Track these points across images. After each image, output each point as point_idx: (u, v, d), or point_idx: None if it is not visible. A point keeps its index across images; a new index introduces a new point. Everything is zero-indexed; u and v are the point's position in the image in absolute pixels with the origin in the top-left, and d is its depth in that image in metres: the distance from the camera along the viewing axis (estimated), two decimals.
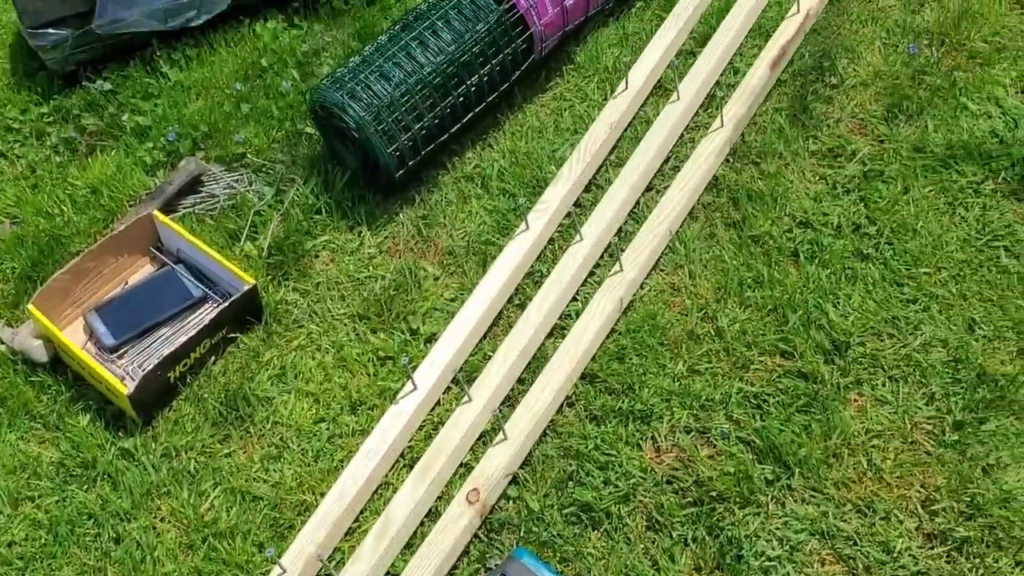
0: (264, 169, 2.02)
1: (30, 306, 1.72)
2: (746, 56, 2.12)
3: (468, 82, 1.94)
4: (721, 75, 2.09)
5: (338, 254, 1.92)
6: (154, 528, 1.60)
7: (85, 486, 1.64)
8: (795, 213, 1.87)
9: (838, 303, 1.74)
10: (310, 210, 1.96)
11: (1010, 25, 2.08)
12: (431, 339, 1.77)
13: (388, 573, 1.53)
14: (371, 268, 1.90)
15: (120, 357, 1.77)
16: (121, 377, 1.73)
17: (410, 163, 1.90)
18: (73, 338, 1.78)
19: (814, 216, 1.86)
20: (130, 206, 1.98)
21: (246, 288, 1.75)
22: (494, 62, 1.96)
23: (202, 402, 1.72)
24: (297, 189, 1.97)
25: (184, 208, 1.97)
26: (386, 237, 1.94)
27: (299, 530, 1.54)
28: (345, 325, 1.82)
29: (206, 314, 1.80)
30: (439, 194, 1.98)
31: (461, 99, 1.95)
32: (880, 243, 1.81)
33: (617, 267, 1.78)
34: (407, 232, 1.94)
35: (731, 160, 1.96)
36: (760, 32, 2.15)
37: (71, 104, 2.17)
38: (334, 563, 1.54)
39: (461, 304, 1.80)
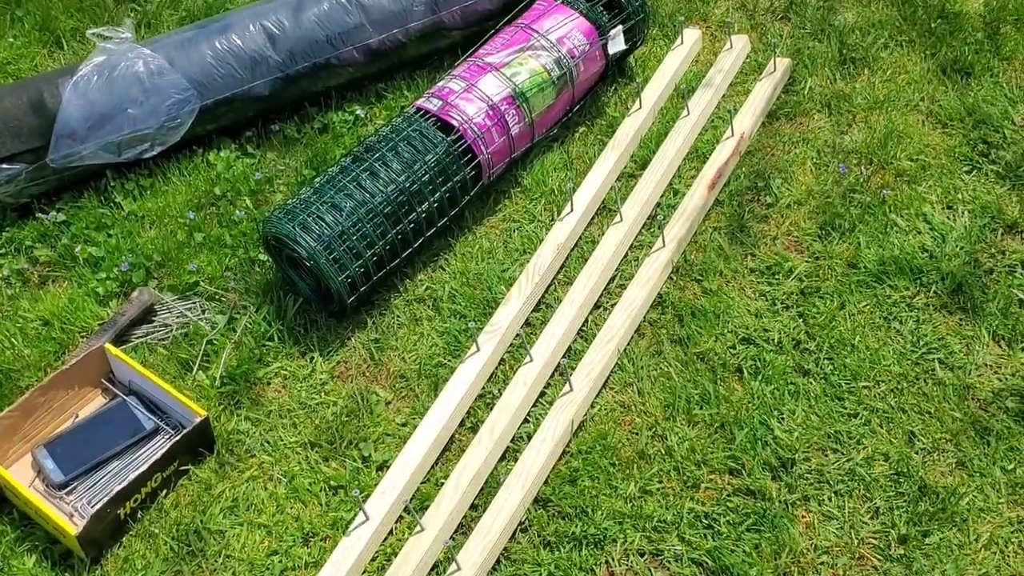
0: (217, 297, 2.04)
1: None
2: (684, 178, 2.21)
3: (418, 209, 1.99)
4: (661, 196, 2.17)
5: (290, 381, 1.93)
6: None
7: None
8: (737, 330, 1.92)
9: (782, 419, 1.79)
10: (262, 337, 1.98)
11: (933, 144, 2.20)
12: (383, 466, 1.78)
13: None
14: (323, 394, 1.91)
15: (69, 493, 1.75)
16: (69, 515, 1.71)
17: (362, 289, 1.93)
18: (21, 475, 1.76)
19: (755, 332, 1.92)
20: (82, 338, 1.99)
21: (198, 420, 1.76)
22: (443, 189, 2.02)
23: (153, 538, 1.70)
24: (249, 317, 1.99)
25: (137, 338, 1.97)
26: (338, 362, 1.96)
27: None
28: (297, 453, 1.82)
29: (158, 447, 1.79)
30: (391, 317, 2.01)
31: (412, 225, 2.00)
32: (820, 358, 1.87)
33: (567, 387, 1.81)
34: (359, 356, 1.96)
35: (674, 278, 2.02)
36: (697, 155, 2.24)
37: (23, 235, 2.18)
38: None
39: (413, 429, 1.81)
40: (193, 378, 1.90)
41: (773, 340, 1.91)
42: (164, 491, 1.75)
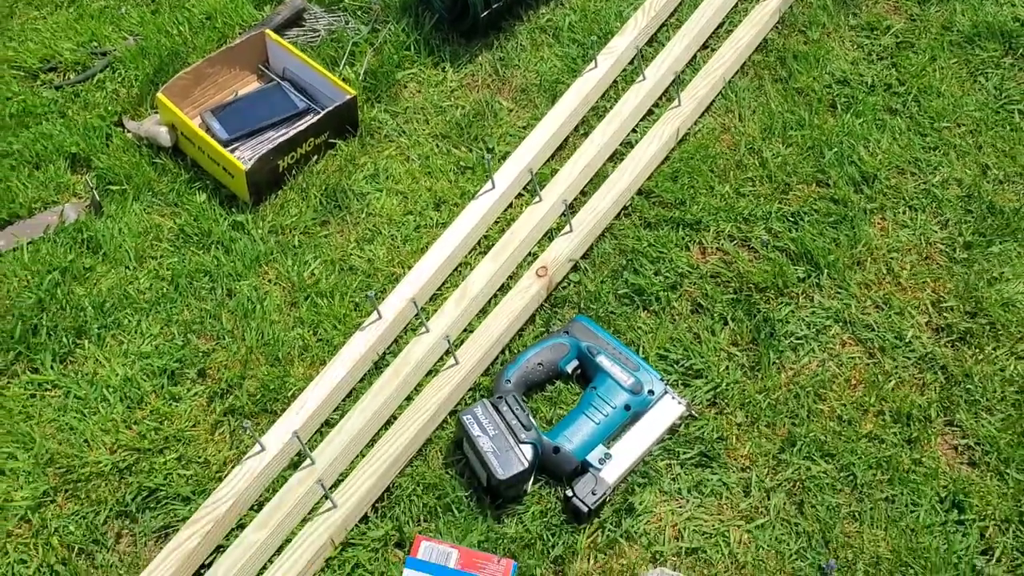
0: (360, 11, 2.24)
1: (160, 95, 1.96)
2: None
3: None
4: None
5: (424, 85, 2.15)
6: (262, 288, 1.83)
7: (202, 250, 1.88)
8: (834, 72, 2.10)
9: (868, 145, 1.98)
10: (400, 46, 2.19)
11: None
12: (505, 156, 2.00)
13: (465, 330, 1.77)
14: (452, 99, 2.13)
15: (232, 151, 2.00)
16: None
17: (494, 4, 2.13)
18: None
19: (851, 76, 2.09)
20: (239, 33, 2.21)
21: (348, 98, 1.98)
22: None
23: (305, 192, 1.95)
24: (389, 28, 2.20)
25: (288, 39, 2.19)
26: (466, 74, 2.17)
27: (396, 286, 1.78)
28: (429, 142, 2.05)
29: (308, 121, 2.03)
30: (514, 41, 2.21)
31: None
32: (907, 101, 2.04)
33: (676, 103, 2.01)
34: (484, 72, 2.17)
35: (780, 27, 2.19)
36: None
37: None
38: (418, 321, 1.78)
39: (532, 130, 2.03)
40: (340, 72, 2.13)
41: (866, 83, 2.08)
42: (315, 157, 2.00)
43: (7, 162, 1.99)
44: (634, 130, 2.04)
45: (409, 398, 1.69)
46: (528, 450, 1.55)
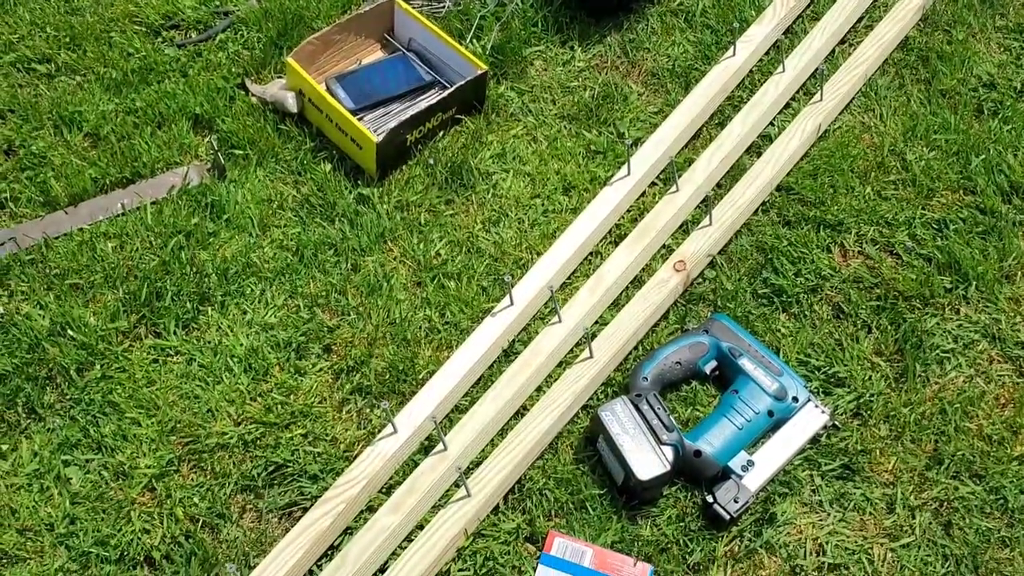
0: None
1: (289, 59, 1.91)
2: None
3: None
4: None
5: (551, 64, 2.08)
6: (388, 265, 1.79)
7: (326, 221, 1.83)
8: (980, 75, 2.01)
9: (1017, 153, 1.89)
10: (528, 22, 2.12)
11: None
12: (636, 143, 1.94)
13: (596, 321, 1.71)
14: (580, 79, 2.06)
15: (359, 121, 1.95)
16: None
17: None
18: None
19: (998, 80, 2.00)
20: (365, 0, 2.16)
21: (479, 72, 1.93)
22: None
23: (431, 167, 1.90)
24: (517, 3, 2.13)
25: (415, 7, 2.13)
26: (595, 55, 2.10)
27: (531, 268, 1.73)
28: (557, 123, 1.99)
29: (434, 96, 1.97)
30: (645, 24, 2.14)
31: None
32: None
33: (818, 97, 1.93)
34: (614, 53, 2.10)
35: (922, 26, 2.10)
36: None
37: None
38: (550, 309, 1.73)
39: (665, 118, 1.96)
40: (466, 45, 2.07)
41: (1015, 88, 1.99)
42: (441, 132, 1.94)
43: (131, 119, 1.95)
44: (771, 123, 1.97)
45: (539, 389, 1.64)
46: (669, 452, 1.50)
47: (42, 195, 1.87)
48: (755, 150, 1.93)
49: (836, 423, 1.59)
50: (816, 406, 1.58)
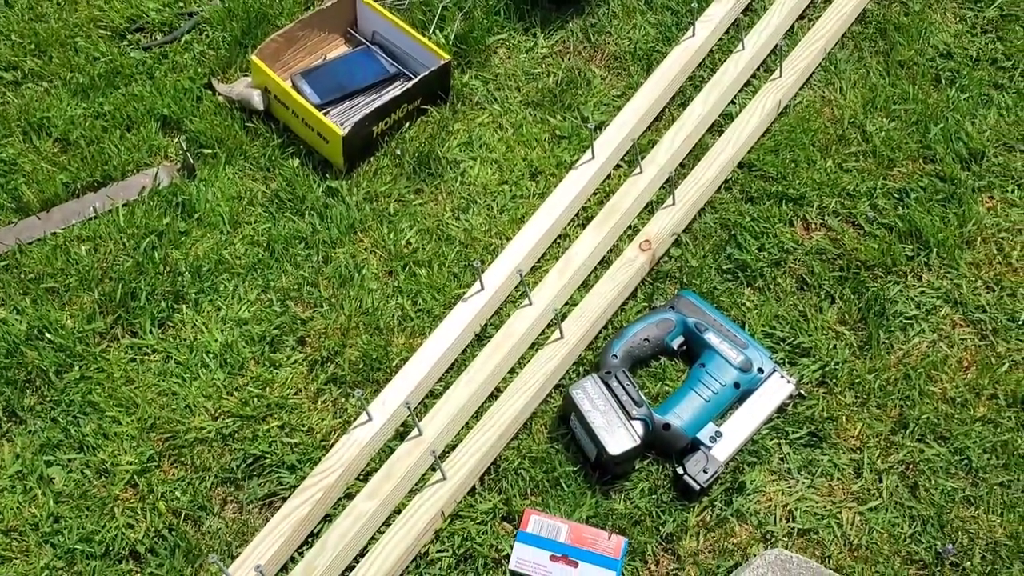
0: None
1: (253, 57, 1.92)
2: None
3: None
4: None
5: (514, 51, 2.11)
6: (359, 256, 1.81)
7: (296, 216, 1.86)
8: (937, 45, 2.04)
9: (975, 121, 1.93)
10: (490, 11, 2.14)
11: None
12: (600, 127, 1.96)
13: (566, 303, 1.74)
14: (544, 66, 2.09)
15: (324, 115, 1.97)
16: None
17: None
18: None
19: (955, 49, 2.04)
20: None
21: (442, 63, 1.95)
22: None
23: (398, 158, 1.92)
24: None
25: (377, 1, 2.15)
26: (557, 41, 2.12)
27: (500, 253, 1.76)
28: (522, 109, 2.01)
29: (399, 87, 1.99)
30: (606, 8, 2.16)
31: None
32: (1015, 76, 1.99)
33: (777, 73, 1.96)
34: (576, 39, 2.12)
35: None
36: None
37: None
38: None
39: (627, 101, 1.99)
40: (429, 36, 2.09)
41: (971, 57, 2.02)
42: (407, 123, 1.97)
43: (99, 123, 1.97)
44: (732, 101, 2.00)
45: (513, 371, 1.67)
46: (639, 426, 1.53)
47: (14, 201, 1.89)
48: (717, 129, 1.96)
49: (802, 392, 1.62)
50: (782, 376, 1.61)
